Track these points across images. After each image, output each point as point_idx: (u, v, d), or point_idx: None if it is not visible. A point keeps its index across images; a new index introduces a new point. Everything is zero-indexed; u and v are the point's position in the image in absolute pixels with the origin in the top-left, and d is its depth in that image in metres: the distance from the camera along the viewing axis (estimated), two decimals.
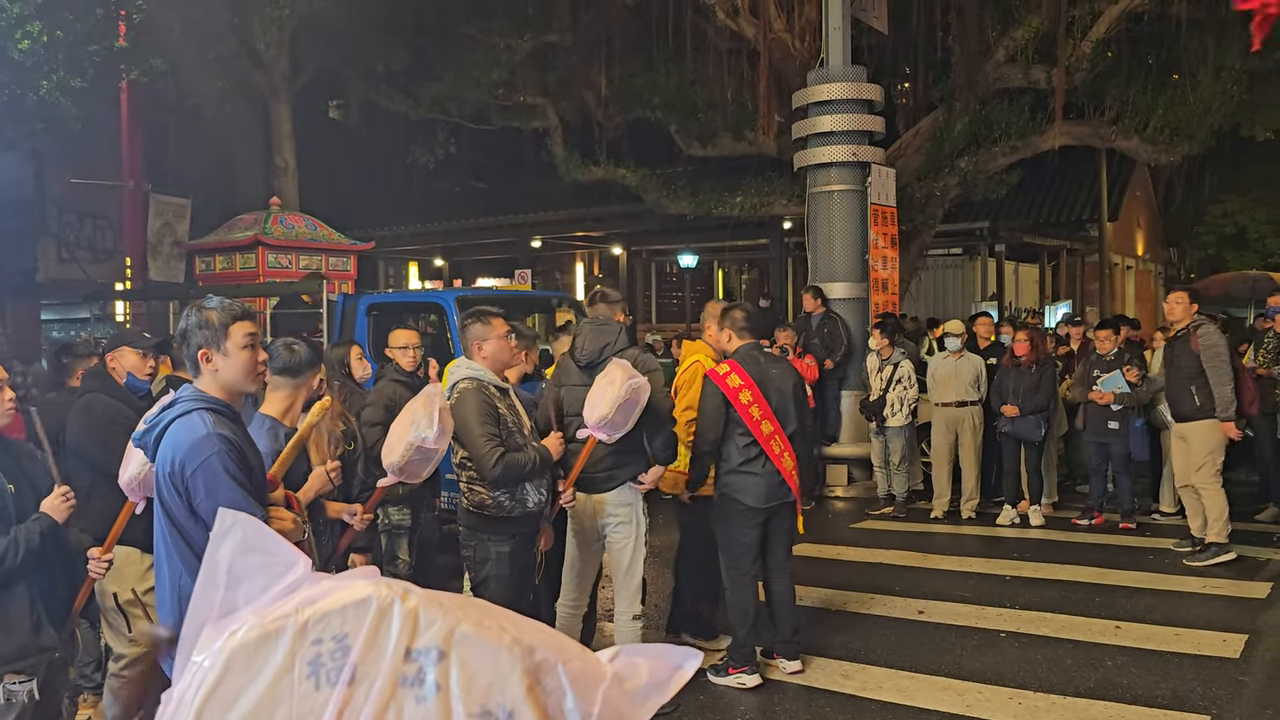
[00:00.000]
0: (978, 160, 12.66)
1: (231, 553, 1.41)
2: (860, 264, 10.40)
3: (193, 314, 2.75)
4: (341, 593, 1.34)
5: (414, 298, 10.65)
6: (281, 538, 1.44)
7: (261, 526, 1.44)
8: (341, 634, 1.31)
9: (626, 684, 1.37)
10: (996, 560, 7.42)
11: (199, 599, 1.40)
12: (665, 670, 1.40)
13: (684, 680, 1.40)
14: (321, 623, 1.32)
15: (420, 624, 1.32)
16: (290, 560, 1.40)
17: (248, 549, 1.41)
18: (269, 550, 1.41)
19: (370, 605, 1.32)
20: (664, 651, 1.42)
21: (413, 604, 1.33)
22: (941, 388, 8.83)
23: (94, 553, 3.41)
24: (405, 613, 1.32)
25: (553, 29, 15.02)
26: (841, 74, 10.37)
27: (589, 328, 4.92)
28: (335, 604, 1.33)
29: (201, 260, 11.05)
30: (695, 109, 14.44)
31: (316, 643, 1.31)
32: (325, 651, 1.31)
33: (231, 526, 1.42)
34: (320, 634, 1.32)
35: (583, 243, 22.16)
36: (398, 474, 3.73)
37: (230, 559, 1.40)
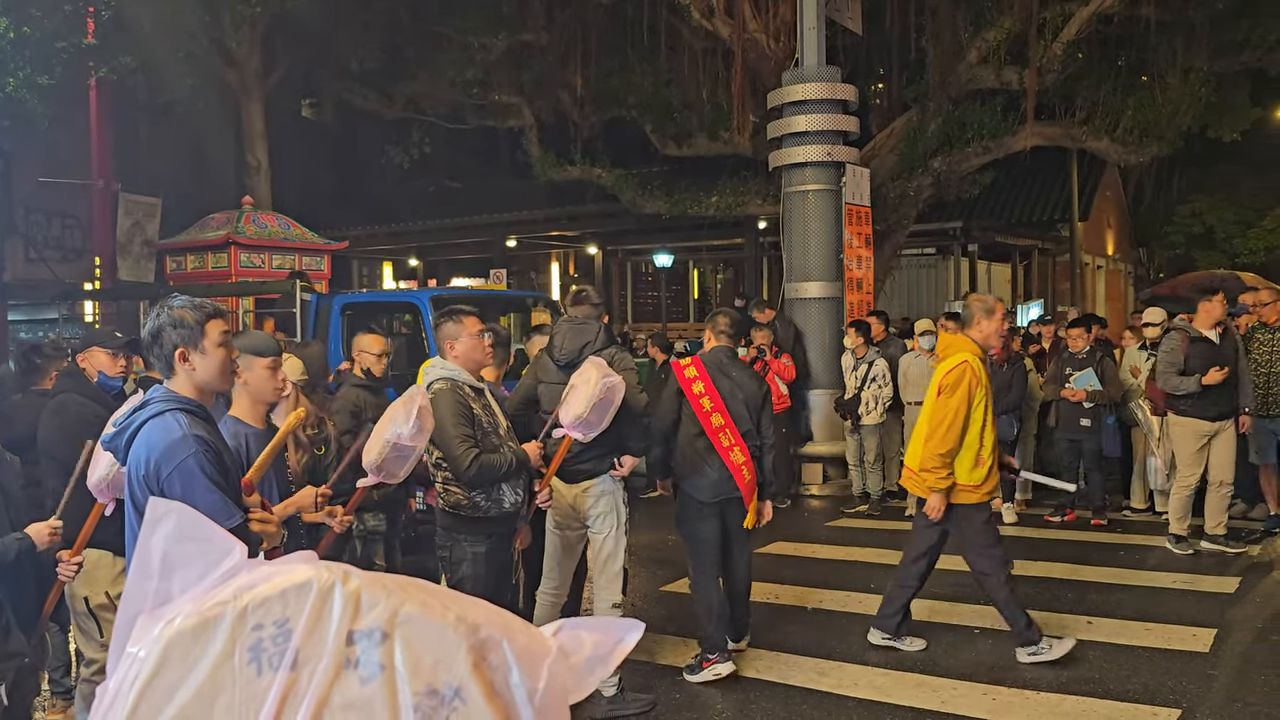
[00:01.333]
0: (951, 160, 12.75)
1: (165, 541, 1.38)
2: (835, 263, 10.44)
3: (163, 313, 2.69)
4: (281, 577, 1.33)
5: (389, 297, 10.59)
6: (216, 525, 1.41)
7: (195, 514, 1.40)
8: (283, 619, 1.30)
9: (571, 658, 1.38)
10: None
11: (132, 589, 1.37)
12: (608, 643, 1.41)
13: (625, 652, 1.41)
14: (262, 608, 1.31)
15: (363, 606, 1.32)
16: (226, 547, 1.38)
17: (182, 537, 1.38)
18: (204, 538, 1.39)
19: (311, 589, 1.31)
20: (607, 625, 1.43)
21: (354, 586, 1.33)
22: (913, 386, 8.87)
23: (63, 555, 3.36)
24: (347, 595, 1.32)
25: (528, 28, 14.98)
26: (816, 74, 10.40)
27: (568, 327, 4.92)
28: (275, 589, 1.32)
29: (173, 260, 10.95)
30: (670, 109, 14.46)
31: (257, 628, 1.30)
32: (266, 637, 1.30)
33: (164, 514, 1.39)
34: (261, 619, 1.30)
35: (558, 242, 22.12)
36: (376, 473, 3.70)
37: (164, 547, 1.38)
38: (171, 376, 2.69)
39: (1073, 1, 12.28)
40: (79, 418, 4.01)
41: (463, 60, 14.68)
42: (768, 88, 11.65)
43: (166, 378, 2.70)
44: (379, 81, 16.26)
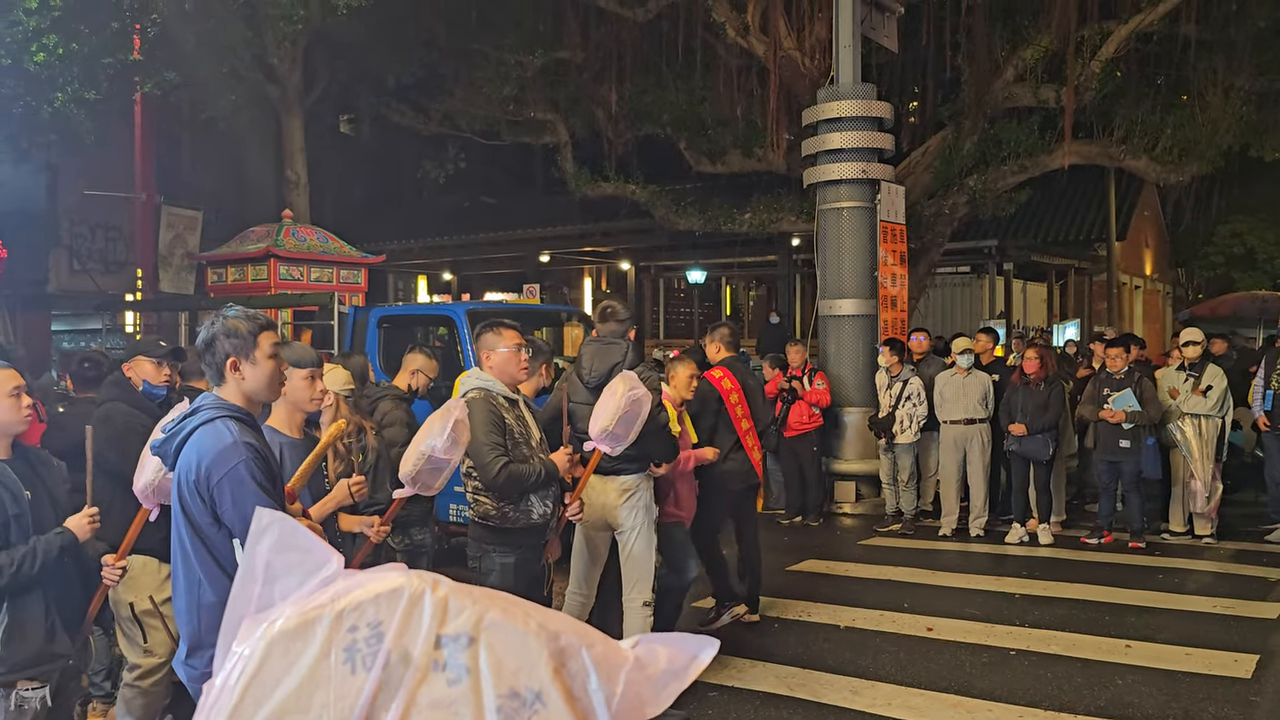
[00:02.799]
0: (986, 179, 12.70)
1: (269, 550, 1.47)
2: (869, 281, 10.41)
3: (217, 322, 2.74)
4: (375, 583, 1.41)
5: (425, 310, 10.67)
6: (315, 536, 1.48)
7: (296, 525, 1.49)
8: (376, 621, 1.38)
9: (648, 669, 1.43)
10: (1005, 578, 7.39)
11: (238, 593, 1.45)
12: (683, 658, 1.46)
13: (701, 668, 1.46)
14: (356, 611, 1.39)
15: (450, 612, 1.39)
16: (324, 557, 1.46)
17: (284, 547, 1.47)
18: (304, 548, 1.47)
19: (403, 595, 1.39)
20: (682, 640, 1.48)
21: (443, 593, 1.41)
22: (949, 405, 8.82)
23: (108, 560, 3.41)
24: (436, 601, 1.39)
25: (564, 45, 15.11)
26: (851, 91, 10.40)
27: (595, 347, 4.92)
28: (369, 594, 1.40)
29: (214, 272, 11.11)
30: (705, 126, 14.51)
31: (352, 630, 1.38)
32: (360, 638, 1.38)
33: (269, 525, 1.48)
34: (355, 622, 1.38)
35: (591, 258, 22.21)
36: (412, 484, 3.73)
37: (268, 556, 1.47)
38: (221, 384, 2.74)
39: (1111, 20, 12.23)
40: (126, 426, 4.07)
41: (499, 77, 14.83)
42: (802, 105, 11.65)
43: (216, 385, 2.75)
44: (416, 98, 16.46)
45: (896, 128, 11.50)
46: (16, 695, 3.24)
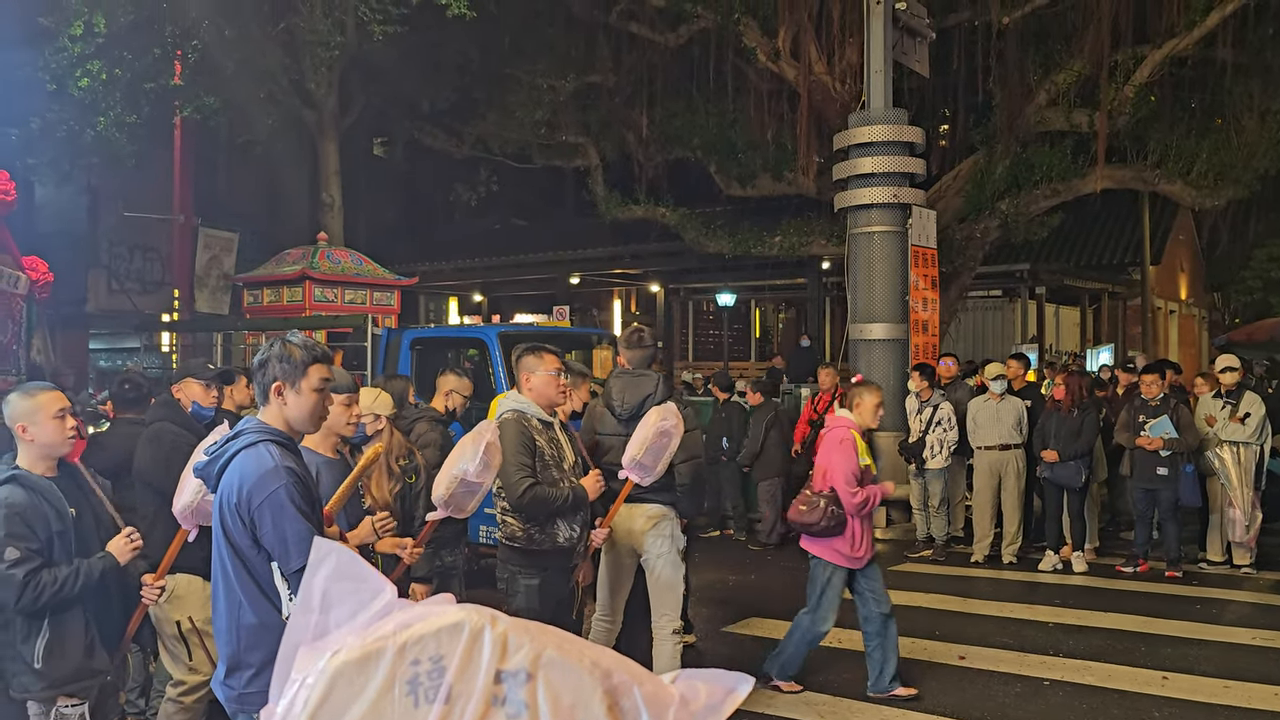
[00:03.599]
0: (1018, 203, 12.64)
1: (325, 579, 1.51)
2: (900, 305, 10.38)
3: (275, 345, 2.78)
4: (436, 617, 1.44)
5: (457, 333, 10.74)
6: (370, 566, 1.52)
7: (353, 555, 1.53)
8: (438, 655, 1.41)
9: (691, 705, 1.48)
10: (1039, 606, 7.31)
11: (296, 622, 1.50)
12: (720, 693, 1.50)
13: (738, 703, 1.50)
14: (419, 645, 1.42)
15: (510, 648, 1.43)
16: (378, 587, 1.50)
17: (340, 576, 1.51)
18: (359, 577, 1.51)
19: (464, 629, 1.43)
20: (718, 676, 1.52)
21: (502, 629, 1.44)
22: (983, 431, 8.75)
23: (148, 579, 3.47)
24: (495, 637, 1.42)
25: (595, 70, 15.23)
26: (883, 116, 10.41)
27: (626, 379, 4.92)
28: (431, 628, 1.43)
29: (249, 293, 11.24)
30: (735, 149, 14.55)
31: (415, 663, 1.41)
32: (423, 672, 1.41)
33: (326, 555, 1.53)
34: (418, 655, 1.42)
35: (621, 280, 22.28)
36: (445, 507, 3.76)
37: (324, 585, 1.51)
38: (265, 406, 2.79)
39: (1145, 44, 12.17)
40: (174, 446, 4.14)
41: (531, 101, 14.96)
42: (833, 129, 11.67)
43: (262, 405, 2.79)
44: (449, 121, 16.64)
45: (928, 152, 11.48)
46: (56, 712, 3.30)
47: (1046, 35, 12.93)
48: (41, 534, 3.23)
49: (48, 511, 3.28)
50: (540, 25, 15.07)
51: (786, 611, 7.09)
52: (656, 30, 14.45)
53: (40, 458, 3.34)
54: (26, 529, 3.20)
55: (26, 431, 3.30)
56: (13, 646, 3.27)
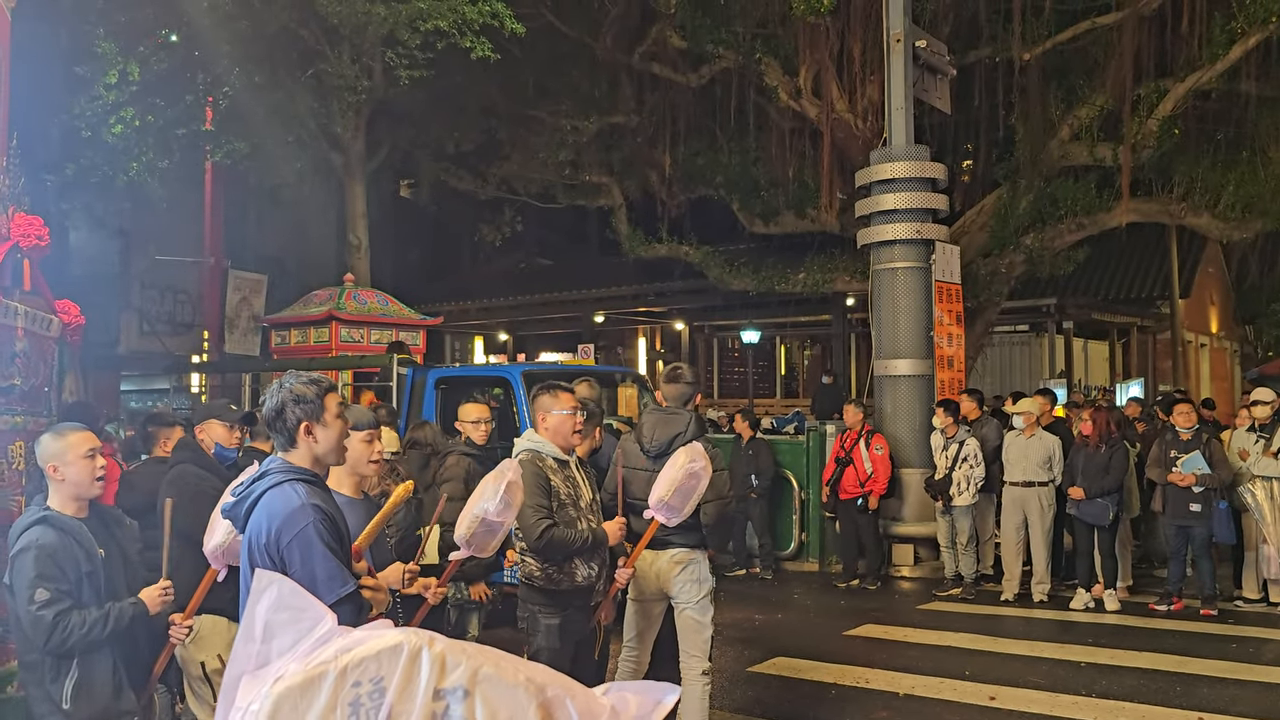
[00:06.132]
0: (1043, 237, 12.62)
1: (266, 610, 1.58)
2: (925, 341, 10.35)
3: (282, 390, 2.82)
4: (375, 640, 1.51)
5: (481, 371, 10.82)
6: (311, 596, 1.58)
7: (294, 586, 1.60)
8: (378, 676, 1.48)
9: (621, 716, 1.56)
10: (1070, 645, 7.19)
11: (238, 652, 1.57)
12: (649, 703, 1.59)
13: (665, 711, 1.59)
14: (359, 667, 1.49)
15: (448, 666, 1.50)
16: (317, 616, 1.57)
17: (280, 606, 1.58)
18: (299, 607, 1.59)
19: (403, 650, 1.50)
20: (648, 688, 1.62)
21: (439, 649, 1.52)
22: (1011, 467, 8.68)
23: (176, 619, 3.50)
24: (433, 657, 1.50)
25: (618, 110, 15.42)
26: (904, 153, 10.45)
27: (658, 416, 4.92)
28: (371, 650, 1.50)
29: (277, 334, 11.39)
30: (758, 187, 14.65)
31: (356, 685, 1.48)
32: (364, 693, 1.48)
33: (268, 586, 1.59)
34: (359, 677, 1.48)
35: (645, 318, 22.36)
36: (466, 547, 3.78)
37: (266, 615, 1.58)
38: (291, 450, 2.82)
39: (1168, 78, 12.17)
40: (197, 489, 4.18)
41: (555, 142, 15.15)
42: (855, 166, 11.72)
43: (285, 450, 2.83)
44: (474, 163, 16.86)
45: (950, 187, 11.51)
46: None
47: (1068, 70, 12.97)
48: (71, 575, 3.27)
49: (78, 553, 3.33)
50: (563, 67, 15.29)
51: (813, 651, 7.07)
52: (679, 71, 14.62)
53: (71, 498, 3.39)
54: (57, 570, 3.25)
55: (57, 471, 3.36)
56: (41, 686, 3.30)
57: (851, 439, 9.58)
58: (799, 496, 10.37)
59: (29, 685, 3.37)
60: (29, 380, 4.26)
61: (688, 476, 4.31)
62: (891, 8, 10.53)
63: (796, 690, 6.19)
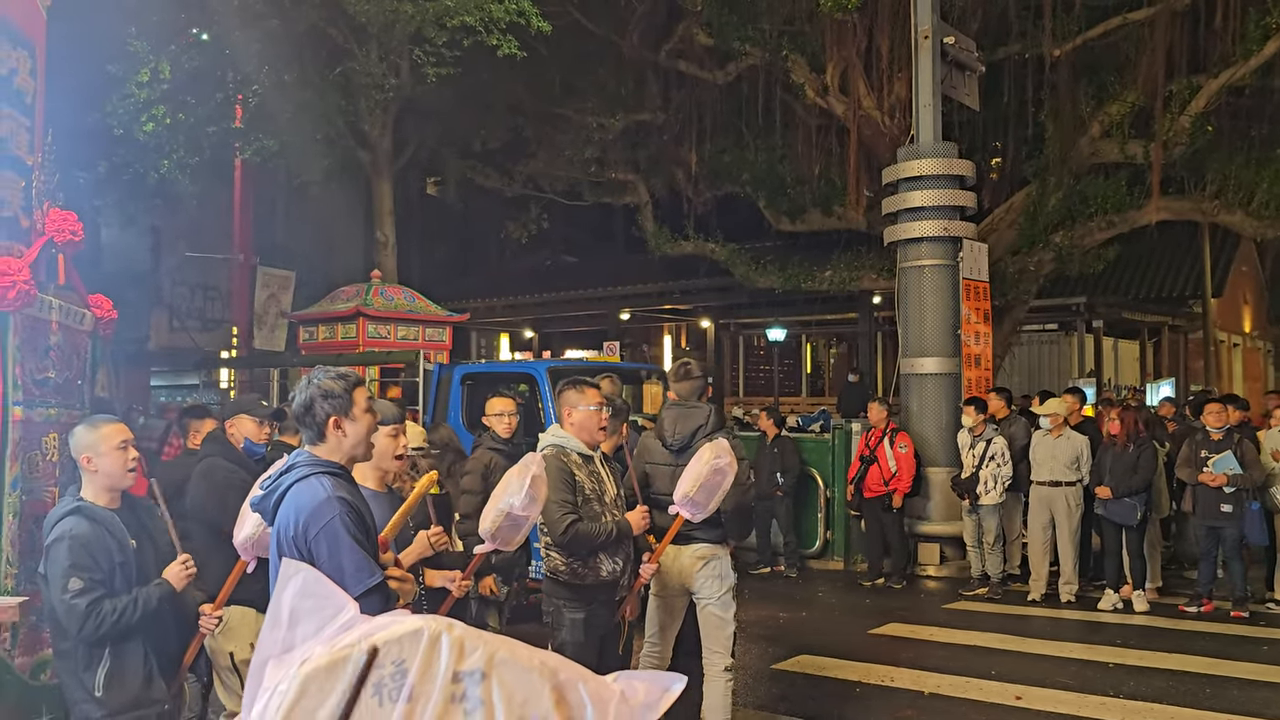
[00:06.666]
0: (1073, 235, 12.50)
1: (292, 598, 1.64)
2: (952, 339, 10.30)
3: (311, 386, 2.86)
4: (397, 625, 1.58)
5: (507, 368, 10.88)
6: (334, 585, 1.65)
7: (318, 575, 1.68)
8: (399, 659, 1.54)
9: (630, 701, 1.62)
10: (1098, 646, 7.15)
11: (265, 638, 1.65)
12: (657, 691, 1.65)
13: (672, 699, 1.65)
14: (383, 650, 1.55)
15: (466, 650, 1.56)
16: (340, 604, 1.64)
17: (305, 594, 1.65)
18: (323, 595, 1.65)
19: (423, 635, 1.56)
20: (655, 676, 1.69)
21: (458, 634, 1.58)
22: (1039, 466, 8.64)
23: (206, 609, 3.55)
24: (452, 641, 1.56)
25: (644, 108, 15.41)
26: (932, 150, 10.40)
27: (677, 411, 4.96)
28: (393, 635, 1.56)
29: (305, 330, 11.48)
30: (784, 184, 14.60)
31: (379, 667, 1.54)
32: (386, 675, 1.54)
33: (293, 575, 1.67)
34: (381, 659, 1.55)
35: (671, 316, 22.35)
36: (491, 541, 3.80)
37: (291, 603, 1.64)
38: (319, 444, 2.86)
39: (1200, 74, 12.03)
40: (226, 482, 4.24)
41: (581, 140, 15.17)
42: (882, 163, 11.67)
43: (314, 444, 2.86)
44: (500, 160, 16.91)
45: (979, 185, 11.43)
46: None
47: (1099, 66, 12.84)
48: (104, 565, 3.33)
49: (110, 543, 3.38)
50: (590, 65, 15.31)
51: (838, 649, 7.06)
52: (705, 68, 14.60)
53: (104, 489, 3.45)
54: (90, 560, 3.31)
55: (91, 463, 3.42)
56: (74, 675, 3.36)
57: (876, 437, 9.57)
58: (824, 495, 10.37)
59: (63, 673, 3.43)
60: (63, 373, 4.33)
61: (713, 473, 4.32)
62: (919, 4, 10.48)
63: (821, 688, 6.19)
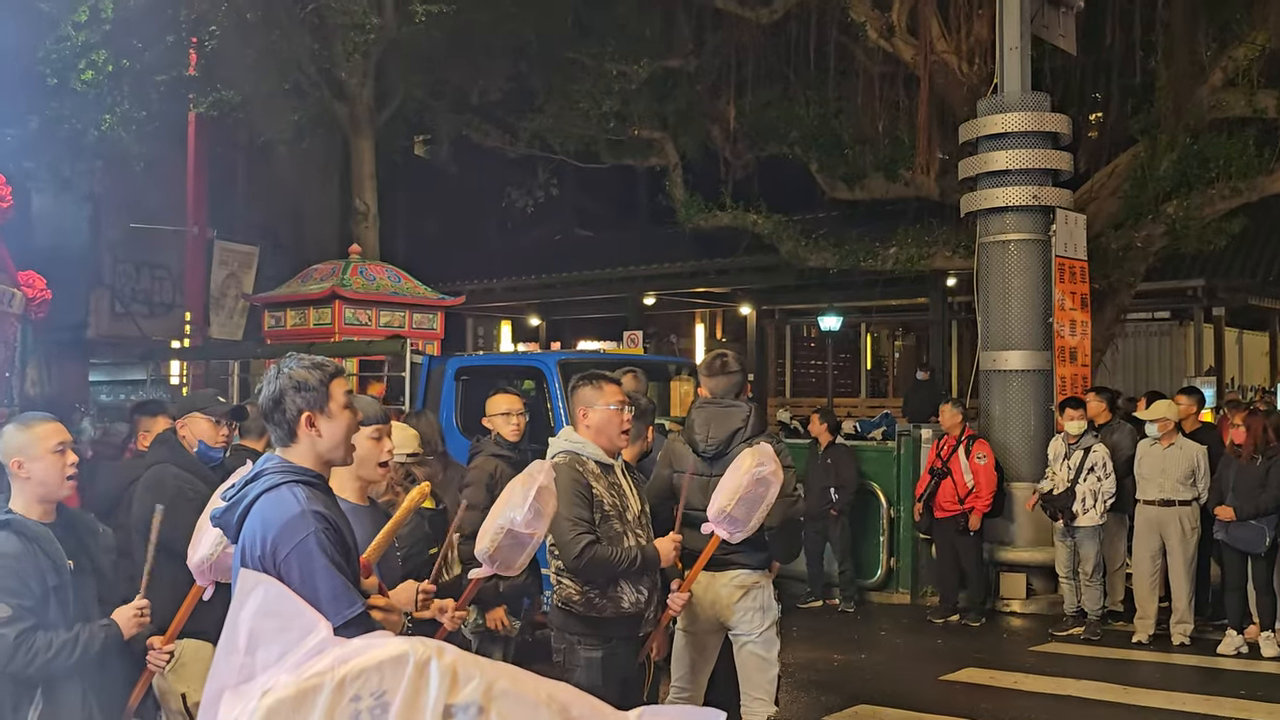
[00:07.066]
0: (1189, 205, 12.39)
1: (251, 616, 1.62)
2: (1042, 329, 10.25)
3: (280, 377, 2.86)
4: (377, 650, 1.55)
5: (510, 361, 10.91)
6: (302, 601, 1.62)
7: (282, 589, 1.65)
8: (380, 690, 1.51)
9: None
10: (1218, 698, 7.13)
11: (219, 663, 1.64)
12: None
13: None
14: (359, 679, 1.52)
15: (460, 680, 1.53)
16: (309, 624, 1.61)
17: (267, 613, 1.62)
18: (288, 613, 1.62)
19: (408, 662, 1.53)
20: (688, 713, 1.70)
21: (449, 660, 1.54)
22: (1146, 482, 8.57)
23: (155, 642, 3.57)
24: (443, 669, 1.53)
25: (674, 53, 15.40)
26: (1019, 102, 10.35)
27: (711, 410, 4.96)
28: (372, 661, 1.53)
29: (271, 315, 11.56)
30: (840, 144, 14.57)
31: (355, 700, 1.51)
32: (364, 708, 1.51)
33: (253, 589, 1.64)
34: (359, 690, 1.52)
35: (704, 300, 22.35)
36: (490, 563, 3.80)
37: (250, 623, 1.62)
38: (291, 444, 2.86)
39: None
40: (178, 493, 4.27)
41: (598, 90, 15.15)
42: (959, 119, 11.62)
43: (284, 446, 2.87)
44: (501, 115, 16.92)
45: (1075, 144, 11.34)
46: None
47: (1222, 2, 12.72)
48: (36, 589, 3.35)
49: (44, 563, 3.40)
50: (609, 1, 15.30)
51: (903, 698, 7.05)
52: (746, 5, 14.56)
53: (37, 499, 3.48)
54: (19, 583, 3.33)
55: (22, 468, 3.44)
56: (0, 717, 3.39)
57: (950, 446, 9.54)
58: (887, 514, 10.34)
59: None
60: None
61: (754, 483, 4.30)
62: None
63: None
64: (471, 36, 14.67)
